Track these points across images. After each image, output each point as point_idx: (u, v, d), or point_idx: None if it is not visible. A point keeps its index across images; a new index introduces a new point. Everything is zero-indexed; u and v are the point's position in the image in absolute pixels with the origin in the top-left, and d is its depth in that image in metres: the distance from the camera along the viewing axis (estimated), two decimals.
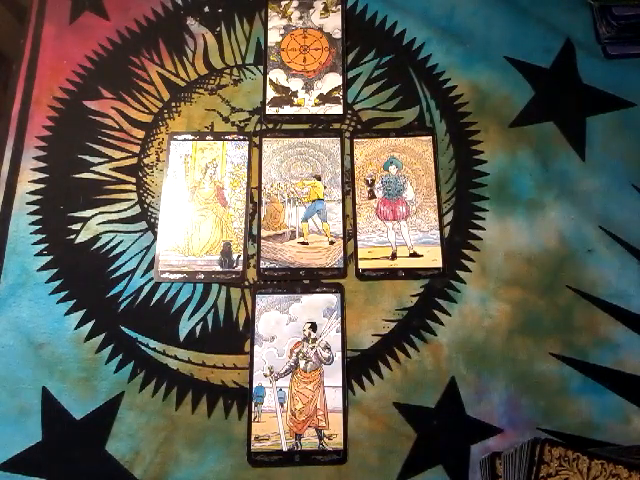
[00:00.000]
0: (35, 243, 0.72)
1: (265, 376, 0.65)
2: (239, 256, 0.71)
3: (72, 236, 0.72)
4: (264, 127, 0.77)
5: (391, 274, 0.70)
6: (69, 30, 0.82)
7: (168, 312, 0.69)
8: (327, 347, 0.66)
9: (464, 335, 0.67)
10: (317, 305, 0.68)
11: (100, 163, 0.76)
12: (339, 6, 0.83)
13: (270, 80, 0.79)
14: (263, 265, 0.70)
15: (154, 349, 0.67)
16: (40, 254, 0.71)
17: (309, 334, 0.67)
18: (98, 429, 0.64)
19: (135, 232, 0.72)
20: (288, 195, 0.74)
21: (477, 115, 0.77)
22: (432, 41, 0.81)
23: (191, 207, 0.73)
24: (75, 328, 0.68)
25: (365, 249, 0.71)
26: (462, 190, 0.74)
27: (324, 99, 0.78)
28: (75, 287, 0.70)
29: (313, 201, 0.73)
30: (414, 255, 0.70)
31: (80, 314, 0.69)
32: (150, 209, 0.74)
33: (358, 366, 0.66)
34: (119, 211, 0.73)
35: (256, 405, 0.64)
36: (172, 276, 0.70)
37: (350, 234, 0.72)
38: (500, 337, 0.67)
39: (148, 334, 0.68)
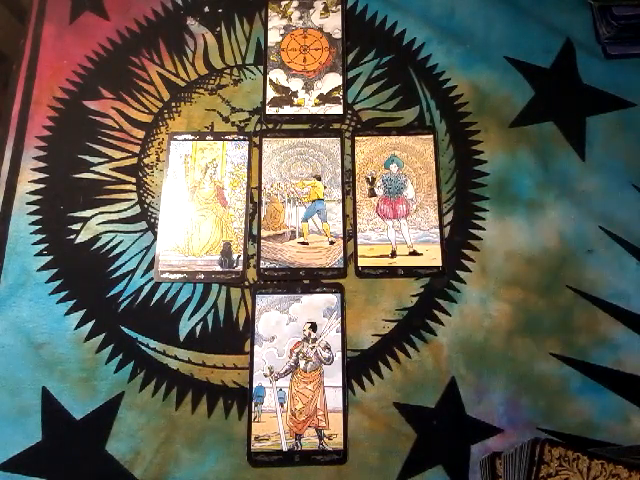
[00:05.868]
0: (35, 243, 0.72)
1: (265, 376, 0.65)
2: (239, 256, 0.71)
3: (72, 236, 0.72)
4: (264, 127, 0.77)
5: (390, 272, 0.70)
6: (69, 30, 0.82)
7: (168, 312, 0.69)
8: (327, 347, 0.66)
9: (464, 335, 0.67)
10: (317, 305, 0.68)
11: (100, 163, 0.76)
12: (339, 6, 0.83)
13: (270, 80, 0.79)
14: (263, 265, 0.70)
15: (154, 349, 0.67)
16: (40, 254, 0.71)
17: (309, 334, 0.67)
18: (98, 429, 0.64)
19: (135, 232, 0.72)
20: (288, 195, 0.74)
21: (477, 115, 0.77)
22: (432, 41, 0.81)
23: (191, 207, 0.73)
24: (75, 328, 0.68)
25: (365, 247, 0.71)
26: (462, 190, 0.74)
27: (324, 99, 0.78)
28: (75, 287, 0.70)
29: (313, 201, 0.73)
30: (414, 253, 0.70)
31: (80, 314, 0.69)
32: (150, 209, 0.74)
33: (358, 366, 0.66)
34: (119, 211, 0.73)
35: (256, 405, 0.64)
36: (172, 276, 0.70)
37: (350, 234, 0.72)
38: (500, 337, 0.67)
39: (148, 334, 0.68)
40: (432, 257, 0.70)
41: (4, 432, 0.64)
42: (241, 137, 0.76)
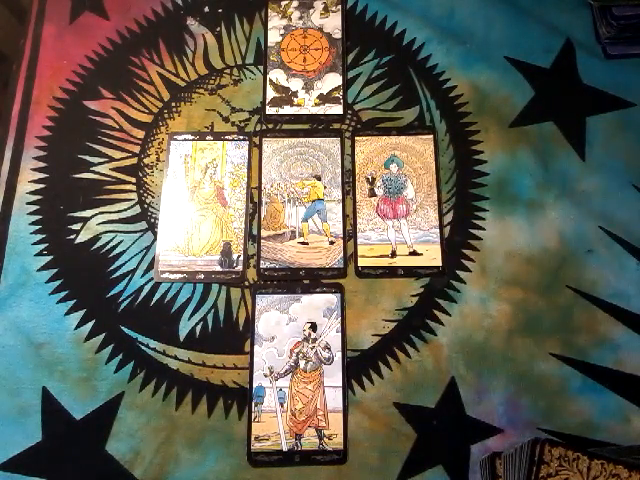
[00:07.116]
0: (35, 243, 0.72)
1: (265, 376, 0.65)
2: (239, 256, 0.71)
3: (72, 236, 0.72)
4: (264, 127, 0.77)
5: (390, 272, 0.70)
6: (69, 30, 0.82)
7: (168, 312, 0.69)
8: (327, 347, 0.66)
9: (464, 335, 0.67)
10: (317, 305, 0.68)
11: (100, 163, 0.76)
12: (339, 6, 0.83)
13: (270, 80, 0.79)
14: (263, 265, 0.70)
15: (154, 349, 0.67)
16: (40, 254, 0.71)
17: (309, 334, 0.67)
18: (98, 429, 0.64)
19: (135, 232, 0.72)
20: (288, 195, 0.74)
21: (477, 115, 0.77)
22: (432, 41, 0.81)
23: (191, 207, 0.73)
24: (75, 328, 0.68)
25: (365, 247, 0.71)
26: (462, 190, 0.74)
27: (324, 99, 0.78)
28: (75, 287, 0.70)
29: (313, 201, 0.73)
30: (414, 253, 0.70)
31: (80, 314, 0.69)
32: (150, 209, 0.74)
33: (358, 366, 0.66)
34: (119, 211, 0.73)
35: (256, 405, 0.64)
36: (172, 276, 0.70)
37: (350, 234, 0.72)
38: (500, 337, 0.67)
39: (148, 334, 0.68)
40: (432, 257, 0.70)
41: (4, 432, 0.64)
42: (241, 137, 0.76)
